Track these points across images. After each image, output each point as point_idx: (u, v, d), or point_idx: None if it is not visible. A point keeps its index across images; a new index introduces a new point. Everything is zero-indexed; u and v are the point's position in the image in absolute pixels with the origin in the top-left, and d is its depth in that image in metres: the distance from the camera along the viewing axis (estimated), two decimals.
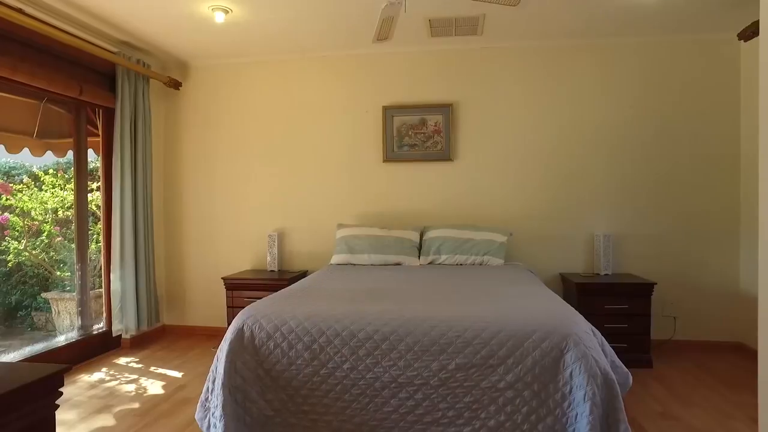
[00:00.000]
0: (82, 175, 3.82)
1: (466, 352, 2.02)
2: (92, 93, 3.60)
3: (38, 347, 3.51)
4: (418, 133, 4.20)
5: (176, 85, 4.35)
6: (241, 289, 3.90)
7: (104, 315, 3.98)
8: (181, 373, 3.42)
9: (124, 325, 3.86)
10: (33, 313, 5.17)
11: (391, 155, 4.22)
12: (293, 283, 3.85)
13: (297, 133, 4.36)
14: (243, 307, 3.87)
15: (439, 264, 3.75)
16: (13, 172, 5.31)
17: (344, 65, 4.28)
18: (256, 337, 2.17)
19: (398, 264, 3.78)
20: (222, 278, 3.97)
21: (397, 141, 4.21)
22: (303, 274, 4.18)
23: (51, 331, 4.65)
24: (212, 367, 2.23)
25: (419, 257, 3.83)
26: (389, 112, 4.21)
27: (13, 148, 4.27)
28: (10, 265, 4.56)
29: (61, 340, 3.68)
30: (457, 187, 4.16)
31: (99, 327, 3.97)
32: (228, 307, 3.92)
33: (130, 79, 3.88)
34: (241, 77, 4.43)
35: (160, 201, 4.51)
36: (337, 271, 3.48)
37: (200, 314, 4.50)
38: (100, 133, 3.93)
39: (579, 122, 4.03)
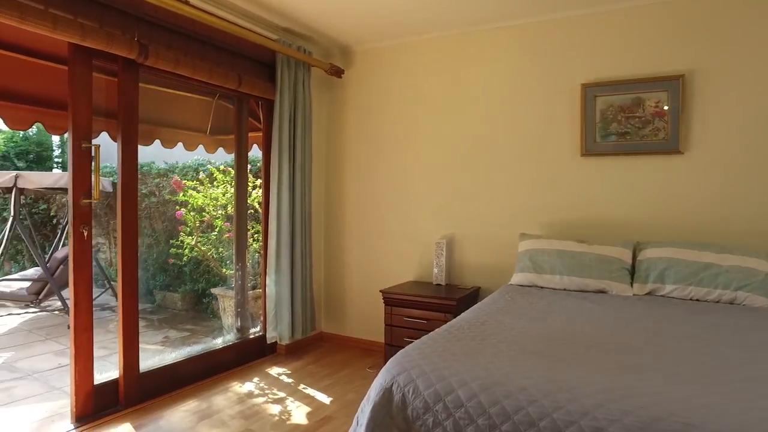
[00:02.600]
0: (242, 171, 3.66)
1: None
2: (251, 84, 3.37)
3: (197, 348, 3.41)
4: (631, 117, 3.15)
5: (338, 72, 3.98)
6: (402, 306, 3.34)
7: (261, 319, 3.79)
8: (330, 399, 3.00)
9: (278, 333, 3.61)
10: (213, 303, 5.41)
11: (591, 147, 3.25)
12: (462, 304, 3.18)
13: (471, 123, 3.65)
14: (403, 329, 3.33)
15: (662, 296, 2.70)
16: (200, 168, 5.61)
17: (530, 36, 3.43)
18: (409, 406, 1.52)
19: (602, 291, 2.83)
20: (381, 291, 3.46)
21: (600, 128, 3.23)
22: (475, 293, 3.47)
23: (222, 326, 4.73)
24: (351, 430, 1.67)
25: (632, 284, 2.83)
26: (590, 91, 3.24)
27: (190, 146, 4.37)
28: (185, 259, 4.74)
29: (218, 342, 3.56)
30: (689, 189, 3.01)
31: (256, 331, 3.79)
32: (386, 325, 3.40)
33: (290, 67, 3.59)
34: (408, 60, 3.87)
35: (320, 200, 4.21)
36: (520, 297, 2.69)
37: (358, 325, 4.10)
38: (262, 127, 3.73)
39: None
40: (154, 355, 3.52)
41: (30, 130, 8.37)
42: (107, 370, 2.85)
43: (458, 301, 3.17)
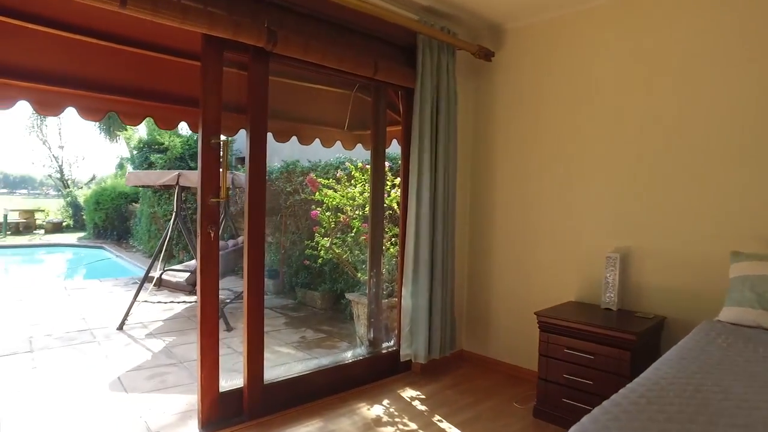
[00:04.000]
0: (378, 168, 3.33)
1: None
2: (388, 71, 2.99)
3: (325, 361, 3.17)
4: None
5: (487, 55, 3.44)
6: (561, 335, 2.70)
7: (396, 332, 3.43)
8: None
9: (413, 350, 3.21)
10: (350, 305, 5.27)
11: None
12: (644, 340, 2.45)
13: (658, 109, 2.84)
14: (562, 363, 2.64)
15: None
16: (340, 166, 5.49)
17: None
18: None
19: None
20: (535, 313, 2.85)
21: None
22: (659, 325, 2.68)
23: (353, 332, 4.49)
24: None
25: None
26: None
27: (327, 142, 4.19)
28: (320, 261, 4.60)
29: (348, 356, 3.28)
30: None
31: (389, 345, 3.44)
32: (541, 355, 2.78)
33: (433, 51, 3.15)
34: (572, 36, 3.18)
35: (465, 201, 3.71)
36: (742, 344, 1.90)
37: (505, 347, 3.52)
38: (402, 119, 3.36)
39: None
40: (286, 360, 3.38)
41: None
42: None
43: (638, 335, 2.43)
